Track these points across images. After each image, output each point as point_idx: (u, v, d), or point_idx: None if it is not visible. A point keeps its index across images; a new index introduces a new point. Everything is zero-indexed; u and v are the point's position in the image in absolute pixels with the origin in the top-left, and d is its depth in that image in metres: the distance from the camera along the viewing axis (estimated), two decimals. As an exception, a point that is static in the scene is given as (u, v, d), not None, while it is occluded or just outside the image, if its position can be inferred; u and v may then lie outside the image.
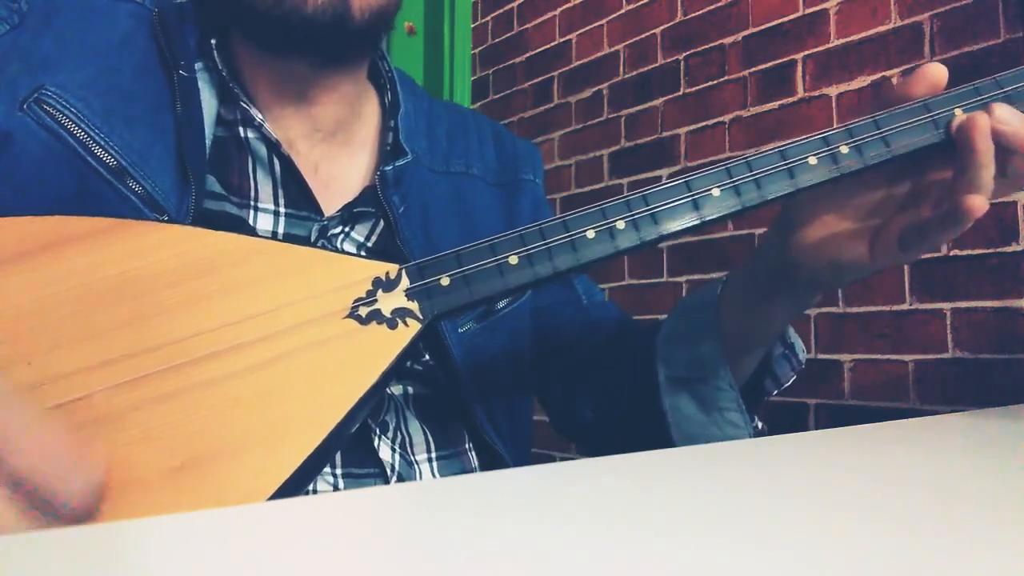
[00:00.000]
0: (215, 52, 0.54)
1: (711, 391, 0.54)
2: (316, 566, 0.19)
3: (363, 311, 0.40)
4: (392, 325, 0.40)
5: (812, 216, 0.47)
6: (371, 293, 0.41)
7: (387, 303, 0.41)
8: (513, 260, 0.42)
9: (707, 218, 0.43)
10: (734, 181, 0.44)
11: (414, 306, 0.41)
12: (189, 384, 0.36)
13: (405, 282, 0.41)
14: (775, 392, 0.57)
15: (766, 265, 0.51)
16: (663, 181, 0.44)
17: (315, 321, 0.39)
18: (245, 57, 0.55)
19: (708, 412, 0.54)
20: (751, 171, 0.44)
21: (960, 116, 0.44)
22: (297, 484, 0.36)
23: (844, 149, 0.44)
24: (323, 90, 0.56)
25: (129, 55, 0.51)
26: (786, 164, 0.44)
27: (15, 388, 0.34)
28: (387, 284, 0.41)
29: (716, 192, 0.44)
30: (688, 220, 0.43)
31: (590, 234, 0.42)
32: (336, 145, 0.58)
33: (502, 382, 0.61)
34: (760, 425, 0.56)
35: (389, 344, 0.40)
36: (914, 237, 0.43)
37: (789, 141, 0.45)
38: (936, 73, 0.45)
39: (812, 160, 0.44)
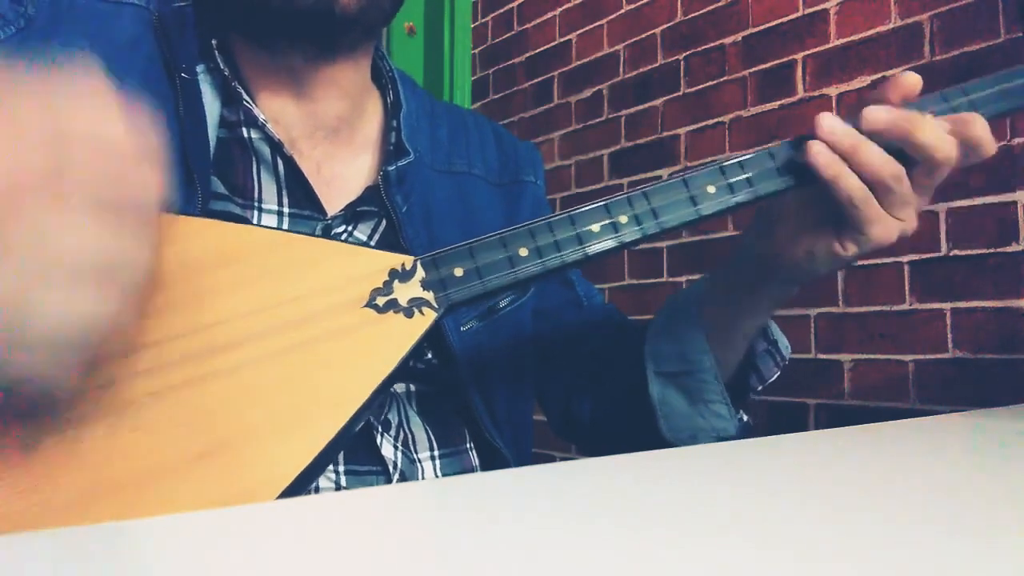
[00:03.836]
0: (216, 53, 0.54)
1: (697, 383, 0.55)
2: (319, 566, 0.19)
3: (380, 301, 0.41)
4: (409, 314, 0.42)
5: (789, 209, 0.49)
6: (388, 283, 0.42)
7: (403, 293, 0.42)
8: (523, 252, 0.44)
9: (704, 213, 0.46)
10: (728, 180, 0.46)
11: (429, 296, 0.42)
12: (211, 372, 0.37)
13: (421, 273, 0.43)
14: (760, 388, 0.58)
15: (747, 257, 0.53)
16: (662, 179, 0.47)
17: (334, 310, 0.40)
18: (245, 56, 0.56)
19: (694, 404, 0.56)
20: (744, 171, 0.47)
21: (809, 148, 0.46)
22: (312, 472, 0.36)
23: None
24: (322, 85, 0.56)
25: (134, 58, 0.51)
26: (775, 164, 0.47)
27: None
28: (403, 275, 0.42)
29: (712, 188, 0.46)
30: (686, 214, 0.46)
31: (595, 228, 0.45)
32: (338, 144, 0.58)
33: (503, 380, 0.61)
34: (746, 419, 0.58)
35: (407, 332, 0.41)
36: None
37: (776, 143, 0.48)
38: (910, 81, 0.47)
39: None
